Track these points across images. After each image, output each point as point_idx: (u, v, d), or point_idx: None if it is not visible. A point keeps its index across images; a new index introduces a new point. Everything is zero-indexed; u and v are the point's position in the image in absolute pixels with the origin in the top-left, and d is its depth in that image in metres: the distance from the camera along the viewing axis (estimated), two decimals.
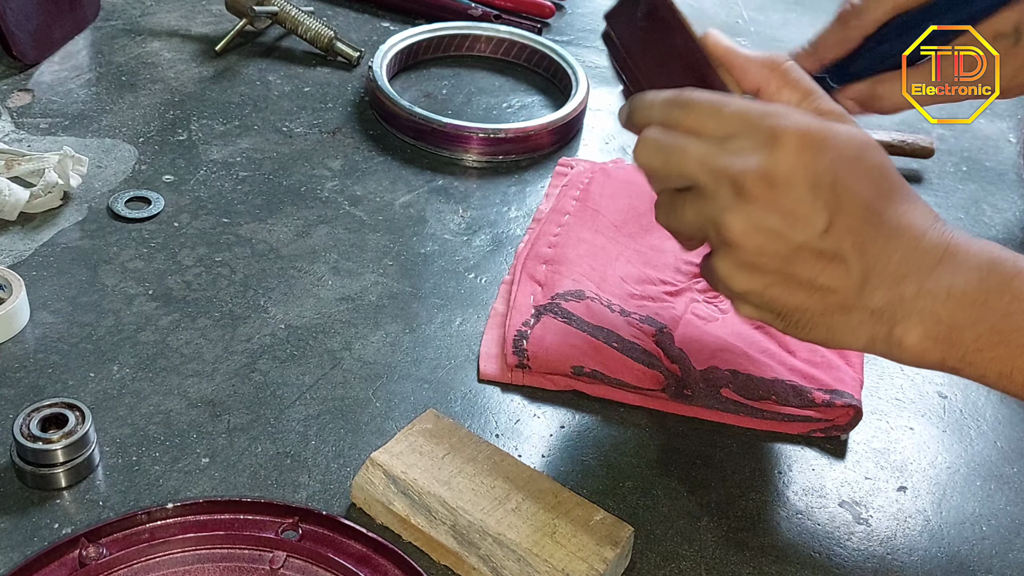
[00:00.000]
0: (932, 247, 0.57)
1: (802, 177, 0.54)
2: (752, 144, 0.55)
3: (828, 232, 0.55)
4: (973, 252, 0.57)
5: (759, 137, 0.55)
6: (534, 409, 0.77)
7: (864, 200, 0.56)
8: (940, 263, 0.56)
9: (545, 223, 0.93)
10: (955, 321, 0.56)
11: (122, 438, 0.71)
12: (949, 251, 0.57)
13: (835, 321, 0.58)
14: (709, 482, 0.73)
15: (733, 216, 0.56)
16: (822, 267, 0.56)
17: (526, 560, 0.63)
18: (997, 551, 0.71)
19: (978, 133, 1.15)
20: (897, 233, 0.56)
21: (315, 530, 0.65)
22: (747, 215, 0.55)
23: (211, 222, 0.91)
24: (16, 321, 0.78)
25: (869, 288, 0.56)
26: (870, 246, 0.56)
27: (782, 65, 0.61)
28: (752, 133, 0.55)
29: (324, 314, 0.83)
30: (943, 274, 0.56)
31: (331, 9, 1.25)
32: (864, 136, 0.58)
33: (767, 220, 0.55)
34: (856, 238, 0.56)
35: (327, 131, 1.04)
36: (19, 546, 0.64)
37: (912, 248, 0.56)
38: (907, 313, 0.56)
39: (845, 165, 0.55)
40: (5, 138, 0.97)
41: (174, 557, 0.63)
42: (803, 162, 0.54)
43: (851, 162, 0.56)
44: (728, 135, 0.56)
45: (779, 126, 0.54)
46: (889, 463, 0.76)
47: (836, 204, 0.55)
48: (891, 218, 0.57)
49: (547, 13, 1.26)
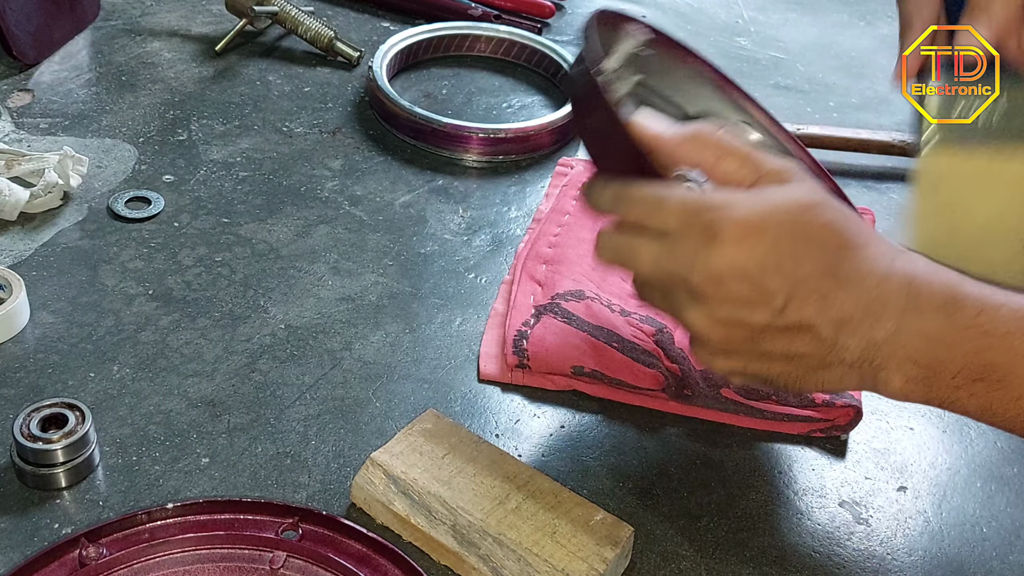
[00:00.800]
0: (896, 290, 0.57)
1: (747, 267, 0.56)
2: (694, 244, 0.56)
3: (786, 308, 0.56)
4: (936, 289, 0.57)
5: (699, 235, 0.56)
6: (534, 409, 0.77)
7: (816, 265, 0.56)
8: (905, 305, 0.57)
9: (545, 223, 0.93)
10: (930, 362, 0.56)
11: (122, 438, 0.71)
12: (913, 290, 0.57)
13: (820, 376, 0.59)
14: (709, 482, 0.73)
15: (692, 315, 0.58)
16: (790, 338, 0.58)
17: (526, 560, 0.63)
18: (997, 552, 0.71)
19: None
20: (858, 283, 0.57)
21: (315, 530, 0.65)
22: (705, 313, 0.57)
23: (211, 222, 0.91)
24: (16, 321, 0.78)
25: (842, 342, 0.57)
26: (833, 304, 0.56)
27: (712, 137, 0.61)
28: (692, 231, 0.56)
29: (324, 314, 0.83)
30: (910, 316, 0.56)
31: (331, 9, 1.25)
32: (805, 197, 0.58)
33: (723, 313, 0.57)
34: (818, 302, 0.56)
35: (327, 131, 1.04)
36: (19, 546, 0.64)
37: (875, 295, 0.57)
38: (885, 358, 0.57)
39: (789, 240, 0.56)
40: (5, 138, 0.97)
41: (174, 557, 0.63)
42: (745, 253, 0.55)
43: (795, 234, 0.56)
44: (671, 232, 0.58)
45: (715, 220, 0.56)
46: (889, 463, 0.76)
47: (788, 280, 0.56)
48: (849, 270, 0.57)
49: (547, 13, 1.26)
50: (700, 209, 0.56)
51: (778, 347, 0.58)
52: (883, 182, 1.06)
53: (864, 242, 0.58)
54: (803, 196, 0.58)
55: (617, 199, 0.60)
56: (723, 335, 0.58)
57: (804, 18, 1.35)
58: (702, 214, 0.56)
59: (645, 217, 0.59)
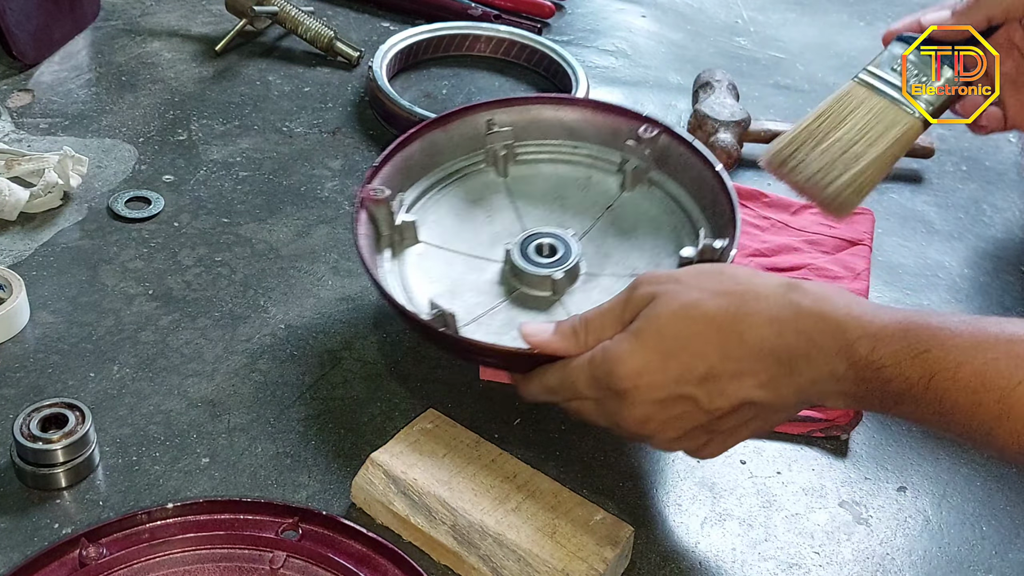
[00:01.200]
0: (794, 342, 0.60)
1: (659, 395, 0.62)
2: (611, 402, 0.64)
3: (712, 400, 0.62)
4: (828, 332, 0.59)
5: (610, 394, 0.64)
6: (534, 409, 0.77)
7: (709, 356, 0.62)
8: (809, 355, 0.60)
9: None
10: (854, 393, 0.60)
11: (122, 438, 0.71)
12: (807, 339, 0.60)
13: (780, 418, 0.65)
14: (709, 482, 0.73)
15: (657, 442, 0.66)
16: (736, 414, 0.63)
17: (526, 560, 0.63)
18: (997, 551, 0.71)
19: None
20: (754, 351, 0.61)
21: (315, 530, 0.65)
22: (661, 440, 0.65)
23: (211, 222, 0.91)
24: (16, 321, 0.78)
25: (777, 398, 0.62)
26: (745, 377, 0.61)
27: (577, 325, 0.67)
28: (604, 393, 0.64)
29: (324, 314, 0.83)
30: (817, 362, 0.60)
31: (331, 9, 1.25)
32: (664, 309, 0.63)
33: (672, 432, 0.64)
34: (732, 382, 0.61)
35: (327, 131, 1.04)
36: (19, 546, 0.64)
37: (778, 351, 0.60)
38: (820, 396, 0.62)
39: (675, 353, 0.62)
40: (5, 138, 0.97)
41: (174, 557, 0.63)
42: (648, 389, 0.62)
43: (675, 347, 0.62)
44: (594, 396, 0.65)
45: (613, 380, 0.63)
46: (889, 463, 0.76)
47: (696, 381, 0.62)
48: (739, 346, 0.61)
49: (547, 13, 1.26)
50: (599, 375, 0.64)
51: (732, 423, 0.64)
52: (883, 182, 1.05)
53: (739, 306, 0.62)
54: (664, 306, 0.63)
55: (545, 391, 0.68)
56: (690, 443, 0.65)
57: (804, 18, 1.35)
58: (601, 380, 0.64)
59: (570, 395, 0.67)
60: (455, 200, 0.86)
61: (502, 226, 0.84)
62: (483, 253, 0.82)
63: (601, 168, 0.87)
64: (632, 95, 1.15)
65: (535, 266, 0.78)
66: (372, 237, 0.80)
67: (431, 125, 0.87)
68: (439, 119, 0.87)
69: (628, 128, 0.85)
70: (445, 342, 0.73)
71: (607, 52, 1.23)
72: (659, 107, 1.14)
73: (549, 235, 0.80)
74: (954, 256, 0.97)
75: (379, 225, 0.80)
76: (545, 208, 0.86)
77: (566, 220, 0.84)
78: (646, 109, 1.12)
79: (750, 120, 1.04)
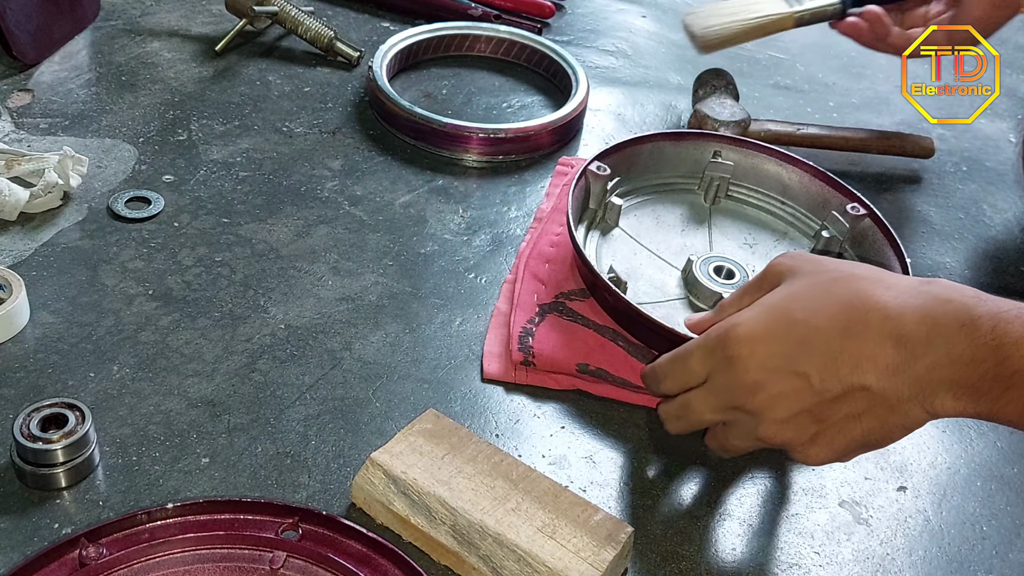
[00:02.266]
0: (915, 324, 0.60)
1: (771, 365, 0.62)
2: (723, 373, 0.64)
3: (825, 380, 0.61)
4: (951, 313, 0.59)
5: (722, 364, 0.64)
6: (534, 409, 0.77)
7: (829, 333, 0.61)
8: (928, 335, 0.59)
9: (547, 222, 0.93)
10: (966, 381, 0.59)
11: (122, 438, 0.71)
12: (930, 320, 0.59)
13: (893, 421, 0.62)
14: (709, 482, 0.73)
15: (763, 430, 0.64)
16: (848, 403, 0.62)
17: (526, 560, 0.63)
18: (997, 551, 0.71)
19: (978, 133, 1.15)
20: (876, 331, 0.60)
21: (315, 530, 0.65)
22: (768, 422, 0.64)
23: (211, 222, 0.91)
24: (16, 321, 0.78)
25: (891, 387, 0.60)
26: (862, 359, 0.61)
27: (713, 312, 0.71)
28: (716, 365, 0.65)
29: (324, 314, 0.83)
30: (937, 345, 0.59)
31: (331, 9, 1.25)
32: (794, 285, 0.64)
33: (781, 412, 0.63)
34: (849, 363, 0.61)
35: (327, 131, 1.04)
36: (19, 546, 0.64)
37: (897, 336, 0.60)
38: (934, 387, 0.60)
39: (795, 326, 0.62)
40: (5, 138, 0.97)
41: (174, 557, 0.63)
42: (761, 356, 0.62)
43: (797, 319, 0.62)
44: (705, 375, 0.66)
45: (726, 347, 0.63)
46: (889, 463, 0.76)
47: (812, 356, 0.61)
48: (862, 324, 0.61)
49: (547, 13, 1.26)
50: (712, 346, 0.64)
51: (843, 412, 0.62)
52: (883, 182, 1.06)
53: (868, 290, 0.62)
54: (795, 282, 0.64)
55: (657, 378, 0.69)
56: (797, 432, 0.63)
57: None
58: (715, 350, 0.64)
59: (682, 378, 0.67)
60: (660, 207, 0.95)
61: (692, 243, 0.92)
62: (668, 257, 0.90)
63: (799, 228, 0.94)
64: (632, 95, 1.15)
65: (710, 281, 0.84)
66: (579, 207, 0.89)
67: (666, 136, 0.96)
68: (675, 133, 0.97)
69: (838, 201, 0.92)
70: (609, 298, 0.80)
71: (607, 52, 1.23)
72: (659, 107, 1.14)
73: (732, 262, 0.87)
74: (954, 256, 0.97)
75: (590, 198, 0.90)
76: (735, 244, 0.93)
77: (751, 261, 0.90)
78: (646, 113, 1.12)
79: (750, 120, 1.04)
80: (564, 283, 0.85)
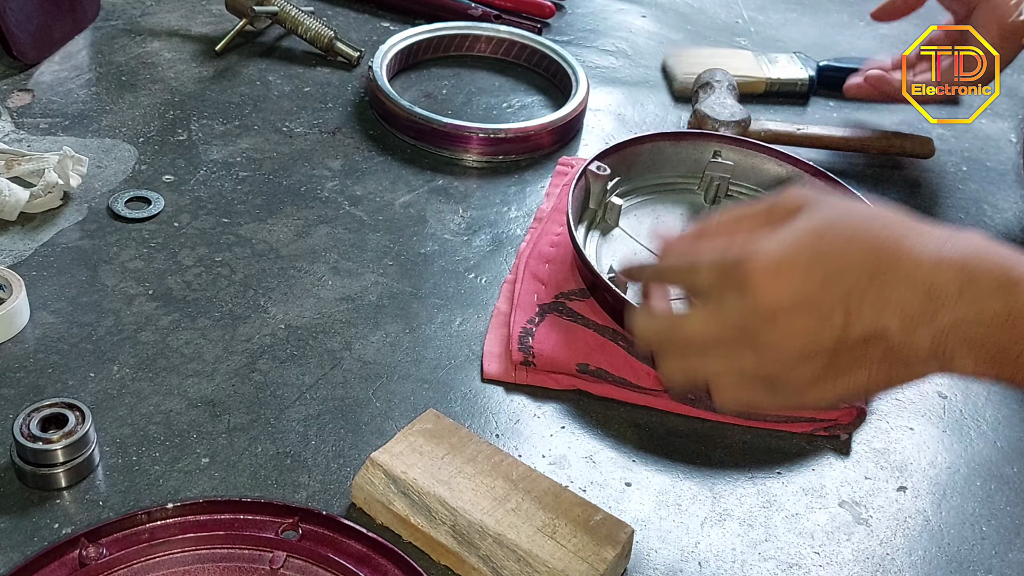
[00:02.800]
0: (950, 277, 0.57)
1: (793, 298, 0.57)
2: (736, 299, 0.58)
3: (848, 321, 0.57)
4: (991, 271, 0.56)
5: (738, 289, 0.58)
6: (534, 409, 0.77)
7: (860, 272, 0.57)
8: (961, 291, 0.56)
9: (547, 222, 0.93)
10: (995, 342, 0.56)
11: (122, 438, 0.71)
12: (966, 275, 0.57)
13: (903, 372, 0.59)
14: (709, 482, 0.73)
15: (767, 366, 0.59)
16: (864, 348, 0.58)
17: (526, 560, 0.63)
18: (997, 551, 0.71)
19: (978, 133, 1.15)
20: (908, 277, 0.57)
21: (315, 530, 0.65)
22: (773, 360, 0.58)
23: (211, 222, 0.91)
24: (16, 321, 0.78)
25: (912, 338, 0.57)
26: (889, 304, 0.57)
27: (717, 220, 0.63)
28: (730, 287, 0.58)
29: (324, 314, 0.83)
30: (968, 301, 0.56)
31: (331, 9, 1.25)
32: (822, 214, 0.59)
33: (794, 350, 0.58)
34: (875, 306, 0.57)
35: (327, 131, 1.04)
36: (19, 546, 0.64)
37: (930, 286, 0.57)
38: (956, 345, 0.57)
39: (823, 259, 0.57)
40: (5, 138, 0.97)
41: (174, 557, 0.63)
42: (784, 288, 0.57)
43: (826, 252, 0.57)
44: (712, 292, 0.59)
45: (746, 271, 0.57)
46: (889, 463, 0.76)
47: (838, 294, 0.57)
48: (895, 268, 0.57)
49: (547, 13, 1.26)
50: (730, 265, 0.58)
51: (856, 359, 0.58)
52: (883, 182, 1.06)
53: (901, 235, 0.58)
54: (820, 214, 0.59)
55: (656, 274, 0.63)
56: (805, 370, 0.58)
57: (804, 18, 1.35)
58: (733, 270, 0.58)
59: (684, 283, 0.62)
60: (660, 206, 0.96)
61: None
62: None
63: None
64: (632, 95, 1.15)
65: None
66: (579, 207, 0.90)
67: (665, 136, 0.97)
68: (674, 133, 0.98)
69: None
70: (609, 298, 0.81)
71: (607, 52, 1.23)
72: (659, 107, 1.14)
73: None
74: None
75: (590, 198, 0.91)
76: None
77: None
78: (646, 113, 1.12)
79: (750, 120, 1.04)
80: (564, 283, 0.85)
